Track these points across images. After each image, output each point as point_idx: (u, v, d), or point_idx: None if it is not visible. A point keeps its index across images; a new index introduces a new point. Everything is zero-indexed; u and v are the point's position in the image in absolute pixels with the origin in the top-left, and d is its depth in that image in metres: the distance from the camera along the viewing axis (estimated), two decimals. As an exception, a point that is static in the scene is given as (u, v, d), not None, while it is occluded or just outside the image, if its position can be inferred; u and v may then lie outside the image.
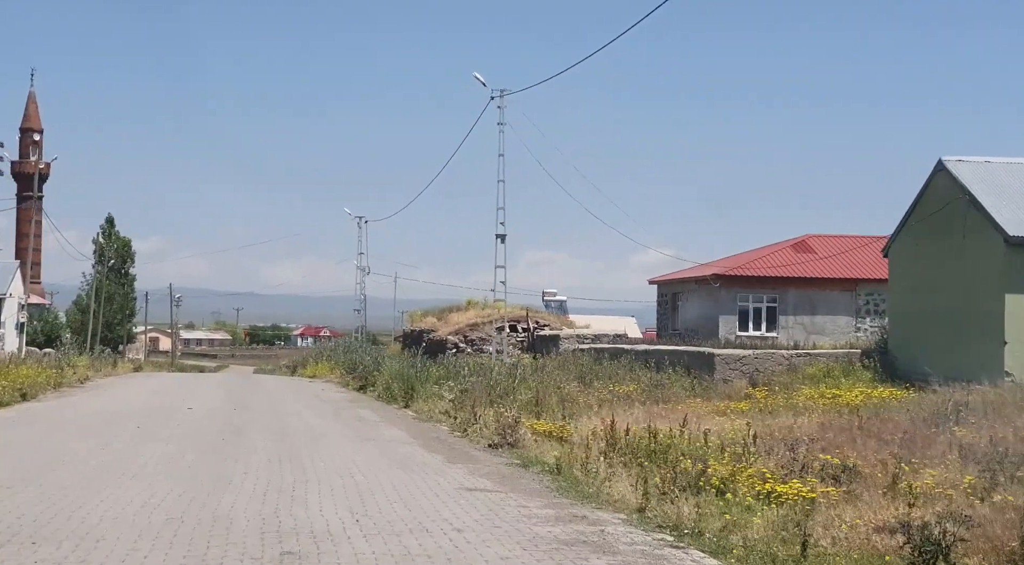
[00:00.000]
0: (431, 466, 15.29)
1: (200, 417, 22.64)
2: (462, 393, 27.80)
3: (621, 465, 15.19)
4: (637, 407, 26.28)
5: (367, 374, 36.05)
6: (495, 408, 24.63)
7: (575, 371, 34.57)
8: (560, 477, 14.68)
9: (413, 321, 60.75)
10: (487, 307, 58.04)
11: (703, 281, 48.64)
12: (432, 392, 29.81)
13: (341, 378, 42.69)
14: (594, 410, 23.66)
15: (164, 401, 28.00)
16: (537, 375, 31.40)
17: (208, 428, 19.99)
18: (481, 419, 20.89)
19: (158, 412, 23.84)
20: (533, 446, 17.98)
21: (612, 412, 24.25)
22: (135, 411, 23.98)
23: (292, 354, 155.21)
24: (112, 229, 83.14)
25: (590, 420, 22.26)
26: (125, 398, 29.08)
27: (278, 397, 31.71)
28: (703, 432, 17.19)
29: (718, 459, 14.40)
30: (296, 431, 19.75)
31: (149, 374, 52.22)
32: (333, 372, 47.70)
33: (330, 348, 53.13)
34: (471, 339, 54.46)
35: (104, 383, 37.89)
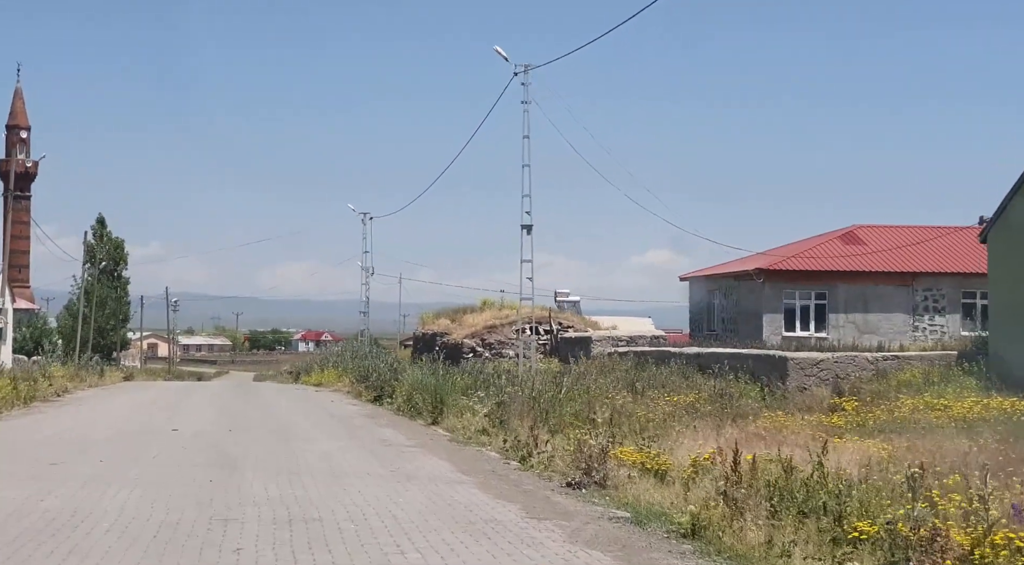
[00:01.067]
0: (508, 525, 10.43)
1: (185, 443, 17.76)
2: (498, 406, 23.19)
3: (771, 518, 10.47)
4: (705, 422, 21.75)
5: (383, 383, 31.21)
6: (546, 425, 20.09)
7: (621, 378, 29.87)
8: (701, 542, 9.90)
9: (424, 323, 55.88)
10: (504, 307, 53.24)
11: (743, 276, 43.87)
12: (462, 405, 25.16)
13: (351, 387, 37.84)
14: (675, 430, 18.93)
15: (146, 419, 23.11)
16: (579, 383, 26.65)
17: (193, 462, 15.10)
18: (547, 445, 16.04)
19: (134, 436, 18.94)
20: (627, 485, 13.18)
21: (697, 433, 19.56)
22: (106, 435, 19.10)
23: (293, 359, 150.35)
24: (103, 230, 78.23)
25: (675, 442, 17.58)
26: (100, 416, 24.20)
27: (282, 412, 26.84)
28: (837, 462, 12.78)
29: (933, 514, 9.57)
30: (308, 465, 14.88)
31: (140, 384, 47.31)
32: (341, 380, 42.83)
33: (336, 353, 48.26)
34: (489, 342, 49.65)
35: (84, 396, 32.98)
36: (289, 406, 29.05)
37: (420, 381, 27.39)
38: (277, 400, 32.34)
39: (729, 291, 45.45)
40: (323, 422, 23.74)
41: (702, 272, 48.45)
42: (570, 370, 34.08)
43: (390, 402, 29.77)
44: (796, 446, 17.21)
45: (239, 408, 27.50)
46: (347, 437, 19.73)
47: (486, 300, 54.69)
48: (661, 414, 22.85)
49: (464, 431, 21.58)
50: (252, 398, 33.55)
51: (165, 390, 38.63)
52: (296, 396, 35.35)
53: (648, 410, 23.55)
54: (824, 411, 24.08)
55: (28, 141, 79.76)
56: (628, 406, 24.29)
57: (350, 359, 46.01)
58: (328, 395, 35.98)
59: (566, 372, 33.96)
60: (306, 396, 35.49)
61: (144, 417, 23.84)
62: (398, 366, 33.29)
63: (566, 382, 25.57)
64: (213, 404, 29.48)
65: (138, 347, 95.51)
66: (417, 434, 21.06)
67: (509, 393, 25.12)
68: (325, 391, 39.47)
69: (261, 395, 35.91)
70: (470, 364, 39.85)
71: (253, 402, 31.05)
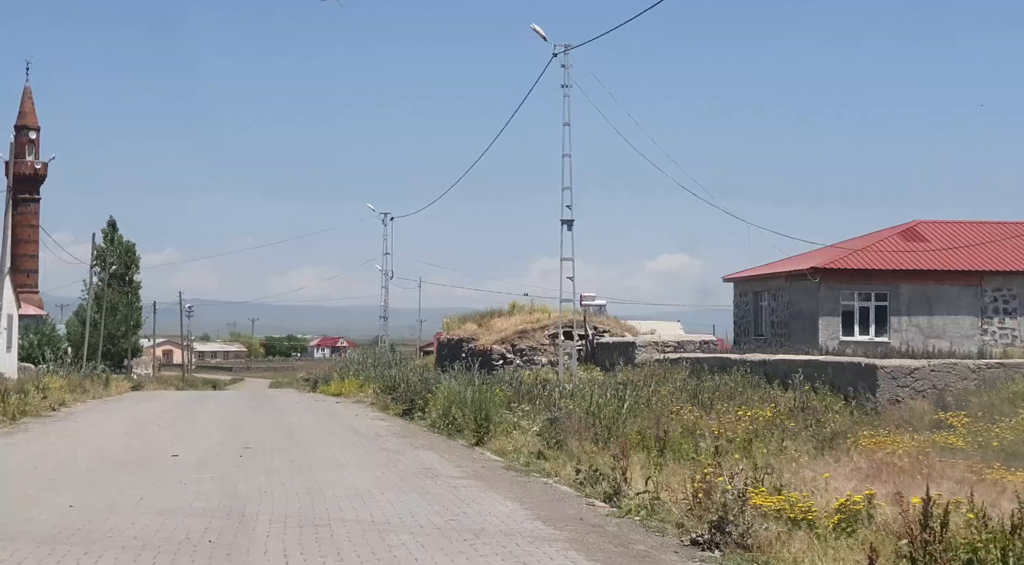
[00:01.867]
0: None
1: (185, 476, 14.15)
2: (550, 424, 19.74)
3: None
4: (797, 443, 18.26)
5: (414, 396, 27.63)
6: (608, 446, 16.69)
7: (680, 389, 26.30)
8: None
9: (449, 329, 52.27)
10: (534, 311, 49.61)
11: (797, 276, 40.17)
12: (508, 421, 21.66)
13: (376, 398, 34.28)
14: (790, 459, 15.40)
15: (144, 442, 19.51)
16: (636, 395, 23.13)
17: (189, 507, 11.46)
18: (647, 482, 12.38)
19: (124, 467, 15.34)
20: (776, 544, 9.55)
21: (804, 459, 16.00)
22: (88, 464, 15.52)
23: (309, 366, 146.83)
24: (115, 233, 74.93)
25: (794, 474, 14.04)
26: (90, 438, 20.61)
27: (302, 429, 23.25)
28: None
29: None
30: (340, 512, 11.23)
31: (148, 394, 43.79)
32: (364, 390, 39.28)
33: (357, 360, 44.68)
34: (520, 349, 46.02)
35: (82, 410, 29.45)
36: (309, 422, 25.47)
37: (458, 394, 23.83)
38: (295, 414, 28.78)
39: (779, 292, 41.76)
40: (350, 443, 20.13)
41: (749, 273, 44.75)
42: (617, 379, 30.56)
43: (422, 416, 26.24)
44: (949, 480, 13.61)
45: (253, 425, 23.92)
46: (383, 464, 16.10)
47: (515, 303, 51.10)
48: (742, 432, 19.35)
49: (516, 454, 18.06)
50: (268, 411, 29.98)
51: (174, 402, 35.09)
52: (316, 409, 31.79)
53: (722, 426, 20.09)
54: (927, 428, 20.42)
55: (38, 142, 76.48)
56: (700, 422, 20.82)
57: (372, 367, 42.48)
58: (351, 407, 32.42)
59: (611, 381, 30.45)
60: (327, 409, 31.93)
61: (142, 438, 20.25)
62: (429, 376, 29.66)
63: (628, 394, 21.98)
64: (224, 420, 25.91)
65: (151, 354, 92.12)
66: (463, 459, 17.45)
67: (562, 407, 21.68)
68: (347, 402, 35.91)
69: (278, 407, 32.34)
70: (502, 372, 36.52)
71: (269, 417, 27.48)
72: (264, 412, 29.48)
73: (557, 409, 21.30)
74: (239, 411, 29.63)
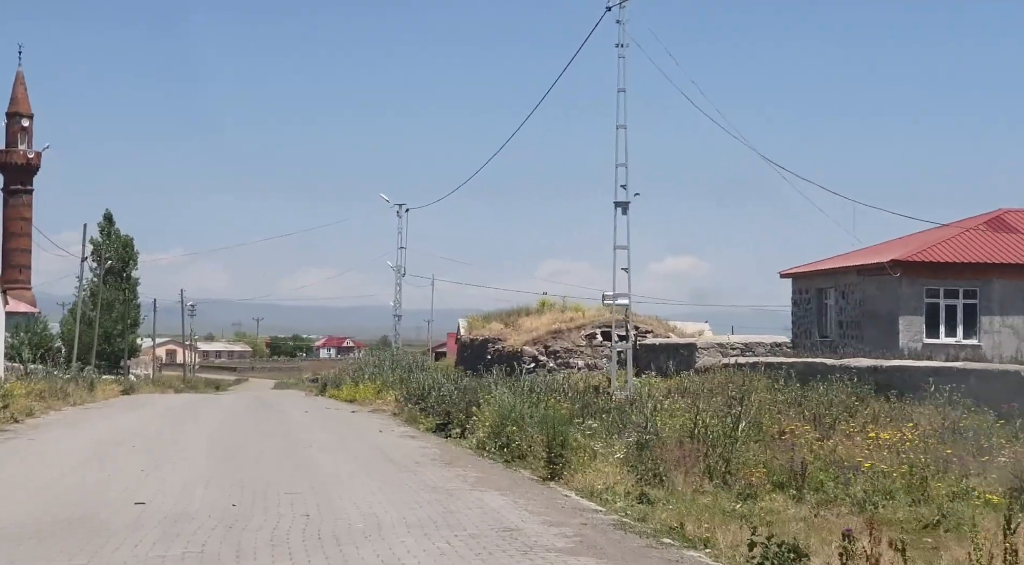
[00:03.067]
0: None
1: (143, 551, 8.88)
2: (638, 449, 14.64)
3: None
4: (987, 481, 13.25)
5: (451, 408, 22.35)
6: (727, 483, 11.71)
7: (779, 403, 21.03)
8: None
9: (472, 328, 46.96)
10: (567, 309, 44.31)
11: (872, 270, 34.84)
12: (579, 443, 16.52)
13: (398, 407, 29.01)
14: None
15: (100, 478, 14.11)
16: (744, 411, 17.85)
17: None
18: None
19: (59, 529, 10.05)
20: None
21: None
22: (10, 521, 10.26)
23: (315, 366, 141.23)
24: (111, 226, 69.63)
25: None
26: (35, 468, 15.20)
27: (316, 453, 17.85)
28: None
29: None
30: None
31: (139, 399, 38.46)
32: (382, 396, 33.99)
33: (373, 363, 39.32)
34: (553, 350, 40.74)
35: (50, 422, 24.14)
36: (325, 442, 20.10)
37: (513, 409, 18.56)
38: (307, 429, 23.45)
39: (850, 289, 36.41)
40: (384, 477, 14.79)
41: (811, 267, 39.41)
42: (683, 387, 25.38)
43: (461, 434, 21.02)
44: None
45: (254, 448, 18.54)
46: (440, 521, 10.76)
47: (544, 301, 45.80)
48: (892, 463, 14.27)
49: (610, 495, 12.97)
50: (273, 424, 24.64)
51: (164, 410, 29.73)
52: (330, 421, 26.47)
53: (854, 453, 15.12)
54: None
55: (30, 130, 71.08)
56: (823, 447, 15.78)
57: (389, 370, 37.14)
58: (371, 419, 27.12)
59: (674, 389, 25.26)
60: (343, 420, 26.63)
61: (104, 470, 14.89)
62: (469, 384, 24.33)
63: (742, 412, 16.76)
64: (218, 438, 20.54)
65: (151, 354, 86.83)
66: (547, 506, 12.16)
67: (648, 426, 16.55)
68: (363, 411, 30.62)
69: (285, 418, 27.00)
70: (536, 376, 31.37)
71: (274, 433, 22.13)
72: (268, 425, 24.15)
73: (643, 430, 16.08)
74: (238, 424, 24.28)
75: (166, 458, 16.14)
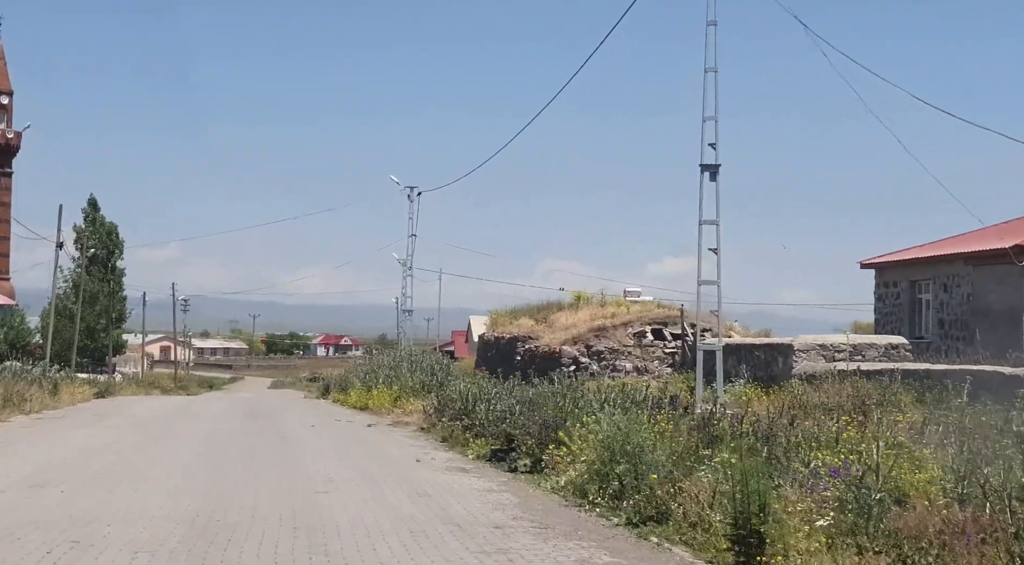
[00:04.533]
0: None
1: None
2: (866, 519, 7.94)
3: None
4: None
5: (514, 430, 15.96)
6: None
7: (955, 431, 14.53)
8: None
9: (497, 325, 40.54)
10: (607, 304, 37.92)
11: (986, 259, 28.58)
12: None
13: (426, 419, 22.65)
14: None
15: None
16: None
17: None
18: None
19: None
20: None
21: None
22: None
23: (313, 365, 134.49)
24: (96, 213, 63.18)
25: None
26: None
27: (341, 520, 11.31)
28: None
29: None
30: None
31: (112, 405, 31.98)
32: (401, 405, 27.65)
33: (388, 364, 32.81)
34: (597, 350, 34.37)
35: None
36: (347, 482, 13.62)
37: (625, 437, 12.21)
38: (317, 456, 17.00)
39: (954, 281, 30.13)
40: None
41: (900, 256, 33.14)
42: (783, 400, 19.22)
43: (528, 466, 14.75)
44: None
45: (239, 500, 12.06)
46: None
47: (580, 294, 39.39)
48: None
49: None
50: (272, 450, 18.16)
51: (134, 423, 23.23)
52: (345, 439, 19.99)
53: None
54: None
55: (10, 108, 64.44)
56: None
57: (409, 373, 30.72)
58: (395, 437, 20.70)
59: (779, 405, 19.05)
60: (361, 439, 20.18)
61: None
62: (539, 397, 17.86)
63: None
64: (191, 475, 13.99)
65: (139, 351, 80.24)
66: None
67: (867, 485, 10.27)
68: (382, 425, 24.24)
69: (287, 438, 20.47)
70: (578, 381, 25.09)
71: (274, 463, 15.64)
72: (267, 451, 17.67)
73: (860, 485, 9.76)
74: (223, 448, 17.76)
75: (93, 536, 9.65)
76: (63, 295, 62.64)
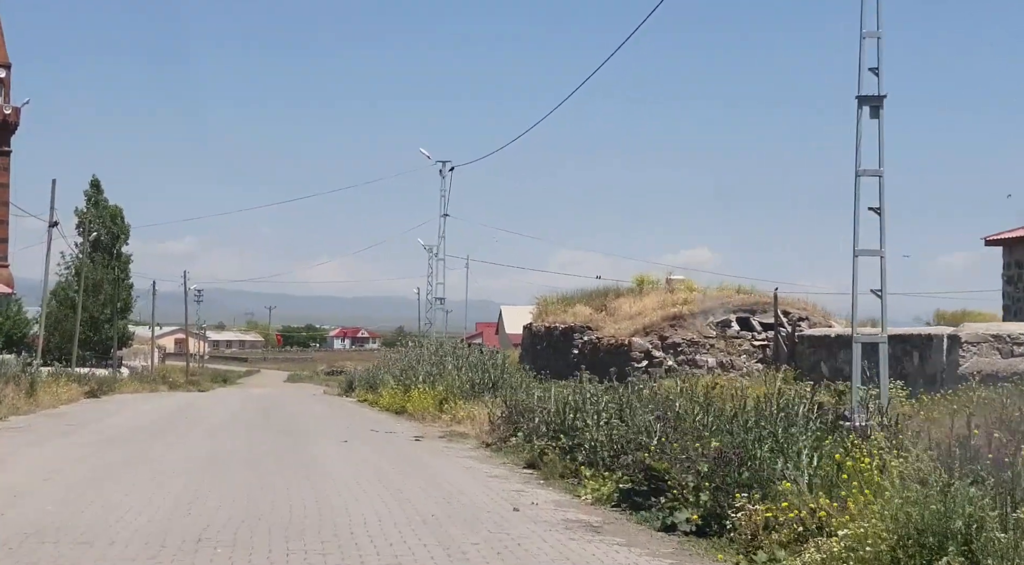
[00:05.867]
0: None
1: None
2: None
3: None
4: None
5: (665, 464, 10.11)
6: None
7: None
8: None
9: (545, 314, 34.67)
10: (675, 290, 32.07)
11: None
12: None
13: (493, 432, 16.87)
14: None
15: None
16: None
17: None
18: None
19: None
20: None
21: None
22: None
23: (330, 357, 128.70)
24: (99, 195, 57.53)
25: None
26: None
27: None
28: None
29: None
30: None
31: (96, 410, 26.23)
32: (448, 409, 21.90)
33: (429, 358, 26.92)
34: (673, 343, 28.49)
35: None
36: (413, 556, 7.82)
37: (949, 512, 6.29)
38: (356, 492, 11.19)
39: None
40: None
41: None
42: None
43: (690, 524, 8.91)
44: None
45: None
46: None
47: (643, 277, 33.51)
48: None
49: None
50: (286, 480, 12.29)
51: (98, 443, 17.25)
52: (392, 464, 14.00)
53: None
54: None
55: (8, 82, 58.76)
56: None
57: (455, 371, 24.92)
58: (454, 454, 14.89)
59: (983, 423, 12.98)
60: (416, 463, 14.24)
61: None
62: (724, 424, 11.94)
63: None
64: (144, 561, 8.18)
65: (151, 344, 74.66)
66: None
67: None
68: (433, 438, 18.45)
69: (310, 460, 14.54)
70: (658, 379, 19.70)
71: (298, 525, 9.77)
72: (282, 493, 11.78)
73: None
74: (214, 491, 11.74)
75: None
76: (65, 283, 57.08)
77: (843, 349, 24.70)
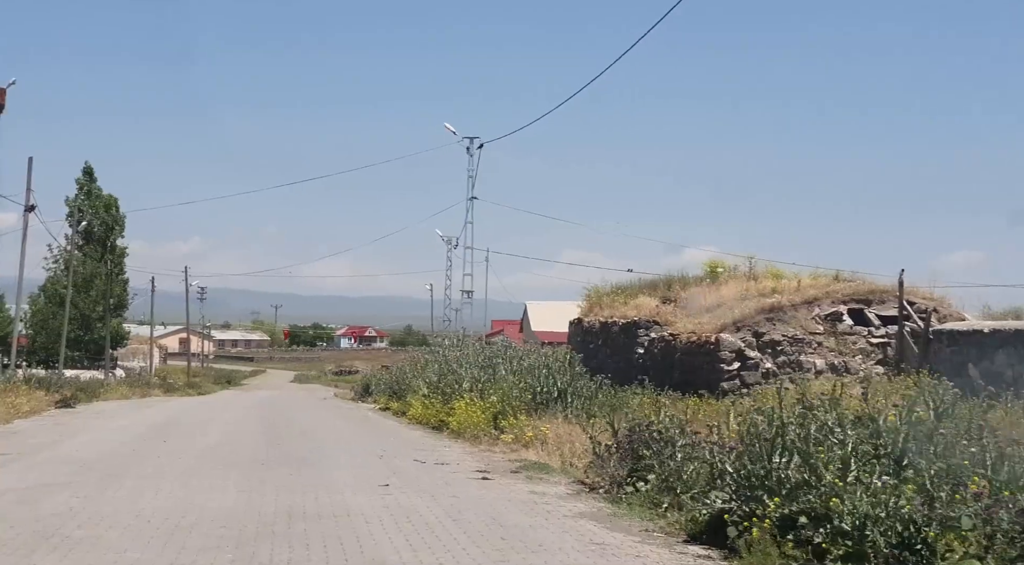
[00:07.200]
0: None
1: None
2: None
3: None
4: None
5: None
6: None
7: None
8: None
9: (597, 306, 29.09)
10: (757, 277, 26.55)
11: None
12: None
13: (598, 470, 11.34)
14: None
15: None
16: None
17: None
18: None
19: None
20: None
21: None
22: None
23: (337, 357, 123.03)
24: (92, 184, 52.03)
25: None
26: None
27: None
28: None
29: None
30: None
31: (56, 427, 20.70)
32: (506, 428, 16.38)
33: (476, 360, 21.27)
34: (771, 340, 22.83)
35: None
36: None
37: None
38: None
39: None
40: None
41: None
42: None
43: None
44: None
45: None
46: None
47: (715, 263, 27.95)
48: None
49: None
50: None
51: (42, 488, 11.74)
52: (466, 523, 8.51)
53: None
54: None
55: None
56: None
57: (511, 377, 19.31)
58: (552, 510, 9.30)
59: None
60: (499, 522, 8.68)
61: None
62: None
63: None
64: None
65: (147, 343, 69.11)
66: None
67: None
68: (501, 470, 12.91)
69: (348, 536, 8.99)
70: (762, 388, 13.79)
71: None
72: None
73: None
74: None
75: None
76: (54, 278, 51.60)
77: (1003, 348, 19.23)
